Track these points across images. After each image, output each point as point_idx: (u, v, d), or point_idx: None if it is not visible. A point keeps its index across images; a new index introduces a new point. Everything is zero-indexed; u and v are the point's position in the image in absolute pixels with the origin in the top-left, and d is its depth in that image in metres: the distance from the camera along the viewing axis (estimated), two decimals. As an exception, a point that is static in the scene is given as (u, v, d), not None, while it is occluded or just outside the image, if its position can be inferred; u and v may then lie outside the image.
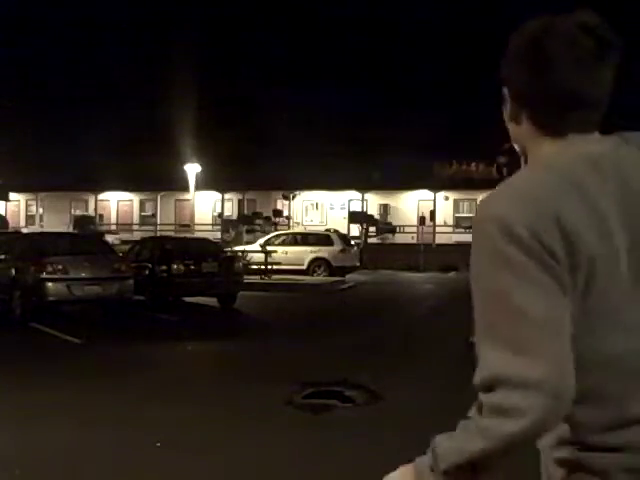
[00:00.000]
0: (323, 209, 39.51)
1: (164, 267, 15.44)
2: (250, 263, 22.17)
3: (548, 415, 1.21)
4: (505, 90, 1.43)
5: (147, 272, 15.64)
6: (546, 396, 1.20)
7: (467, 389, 1.34)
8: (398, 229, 36.17)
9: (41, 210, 43.92)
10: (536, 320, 1.22)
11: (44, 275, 12.94)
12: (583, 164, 1.32)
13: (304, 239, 26.22)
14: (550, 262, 1.23)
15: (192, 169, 32.79)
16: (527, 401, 1.20)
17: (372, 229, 34.21)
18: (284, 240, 25.98)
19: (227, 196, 39.97)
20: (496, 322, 1.26)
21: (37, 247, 13.87)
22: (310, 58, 47.54)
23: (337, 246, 25.19)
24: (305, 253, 25.02)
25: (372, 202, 37.98)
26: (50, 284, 12.93)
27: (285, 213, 37.39)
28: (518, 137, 1.46)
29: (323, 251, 24.96)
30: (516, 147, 1.50)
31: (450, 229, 36.21)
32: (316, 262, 24.84)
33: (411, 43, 47.45)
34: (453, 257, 30.41)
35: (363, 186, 36.89)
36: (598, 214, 1.27)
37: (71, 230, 30.90)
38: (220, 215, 39.30)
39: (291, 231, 30.04)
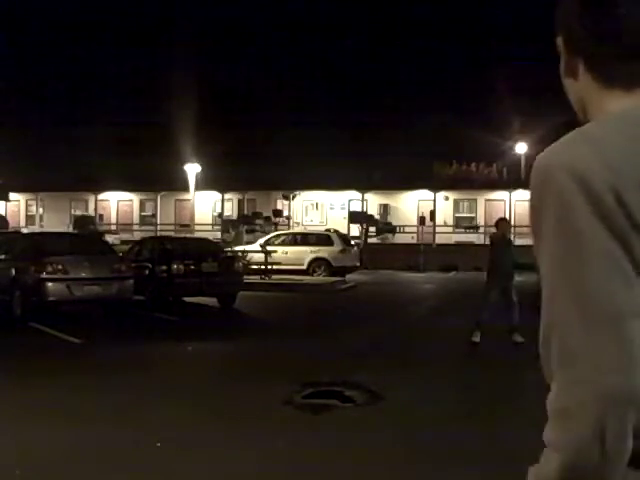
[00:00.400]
0: (323, 209, 39.50)
1: (164, 267, 15.44)
2: (250, 263, 22.17)
3: (605, 422, 0.98)
4: (559, 39, 1.22)
5: (147, 272, 15.64)
6: (605, 397, 0.98)
7: (467, 389, 1.34)
8: (398, 229, 36.16)
9: (41, 210, 43.90)
10: (604, 303, 1.00)
11: (44, 275, 12.94)
12: None
13: (304, 239, 26.21)
14: (630, 229, 1.00)
15: (192, 169, 32.79)
16: (578, 403, 1.00)
17: (372, 229, 34.21)
18: (284, 240, 25.98)
19: (227, 196, 39.95)
20: (557, 304, 1.04)
21: (37, 247, 13.87)
22: (310, 58, 47.55)
23: (337, 246, 25.19)
24: (305, 253, 25.02)
25: (372, 202, 37.97)
26: (50, 284, 12.93)
27: (285, 213, 37.39)
28: (576, 94, 1.22)
29: (323, 251, 24.96)
30: (574, 106, 1.25)
31: (450, 229, 36.21)
32: (316, 262, 24.84)
33: (411, 43, 47.45)
34: (453, 257, 30.47)
35: (363, 186, 36.87)
36: None
37: (71, 230, 30.88)
38: (220, 215, 39.29)
39: (291, 231, 30.04)
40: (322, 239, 25.78)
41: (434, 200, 35.92)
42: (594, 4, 1.13)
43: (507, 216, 35.14)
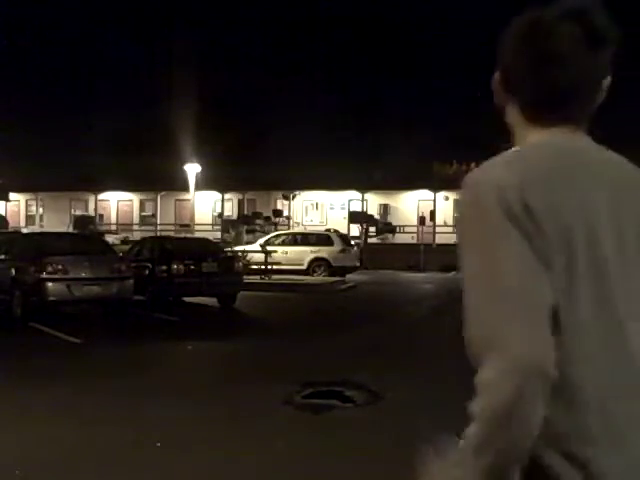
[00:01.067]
0: (323, 209, 39.50)
1: (164, 267, 15.44)
2: (250, 263, 22.17)
3: (523, 391, 1.16)
4: (497, 75, 1.45)
5: (147, 272, 15.64)
6: (522, 369, 1.16)
7: (467, 389, 1.34)
8: (398, 229, 36.17)
9: (41, 210, 43.94)
10: (517, 292, 1.20)
11: (44, 275, 12.94)
12: (572, 159, 1.34)
13: (304, 239, 26.21)
14: (537, 232, 1.23)
15: (192, 169, 32.79)
16: (502, 374, 1.16)
17: (372, 229, 34.22)
18: (284, 240, 25.98)
19: (227, 196, 39.97)
20: (476, 296, 1.24)
21: (37, 247, 13.86)
22: (310, 58, 47.54)
23: (337, 246, 25.19)
24: (305, 253, 25.02)
25: (372, 202, 37.98)
26: (50, 284, 12.93)
27: (285, 213, 37.40)
28: (509, 120, 1.46)
29: (323, 251, 24.96)
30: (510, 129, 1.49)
31: (450, 229, 36.15)
32: (316, 262, 24.84)
33: (411, 43, 47.45)
34: (453, 257, 29.99)
35: (363, 186, 36.89)
36: (585, 204, 1.29)
37: (71, 230, 30.89)
38: (220, 215, 39.31)
39: (291, 231, 30.04)
40: (322, 239, 25.78)
41: (434, 200, 35.94)
42: (529, 65, 1.37)
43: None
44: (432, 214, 35.24)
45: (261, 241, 25.87)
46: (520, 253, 1.22)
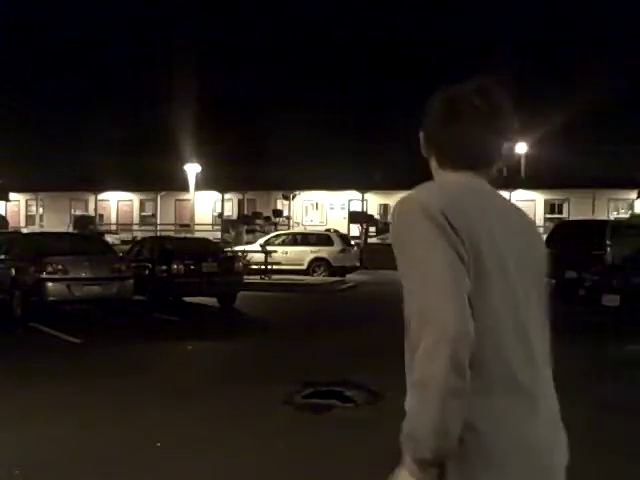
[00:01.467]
0: (323, 209, 39.50)
1: (164, 267, 15.43)
2: (250, 263, 22.16)
3: (457, 352, 1.49)
4: (421, 133, 1.87)
5: (147, 272, 15.63)
6: (454, 335, 1.49)
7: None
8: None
9: (41, 210, 43.94)
10: (445, 279, 1.54)
11: (44, 275, 12.93)
12: (472, 192, 1.74)
13: (304, 239, 26.19)
14: (455, 237, 1.58)
15: (192, 169, 32.78)
16: (439, 340, 1.49)
17: (372, 229, 34.19)
18: (284, 240, 25.96)
19: (227, 196, 39.97)
20: (414, 284, 1.59)
21: (37, 247, 13.85)
22: (310, 57, 47.54)
23: (337, 246, 25.17)
24: (305, 253, 25.00)
25: (372, 202, 37.97)
26: (50, 284, 12.93)
27: (285, 213, 37.39)
28: (432, 170, 1.89)
29: (323, 251, 24.94)
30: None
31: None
32: (316, 262, 24.82)
33: (411, 43, 47.44)
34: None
35: (363, 186, 36.87)
36: (484, 226, 1.65)
37: (71, 230, 30.89)
38: (220, 215, 39.30)
39: (291, 231, 30.02)
40: (322, 239, 25.76)
41: (434, 200, 35.87)
42: (442, 128, 1.81)
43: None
44: (432, 214, 35.20)
45: (261, 241, 25.85)
46: (446, 250, 1.57)
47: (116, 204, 42.92)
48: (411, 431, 1.53)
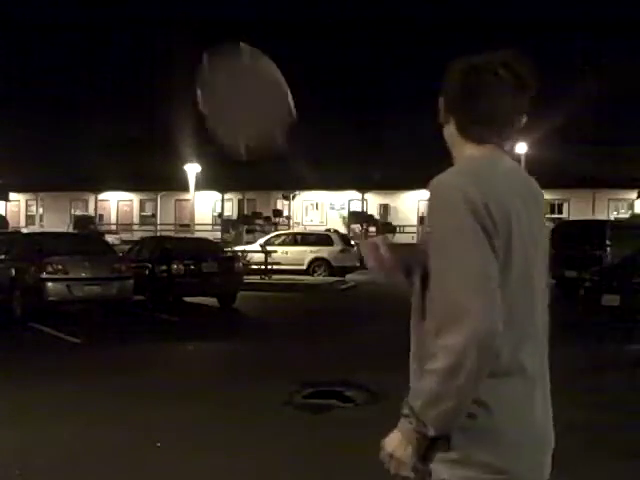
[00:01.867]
0: (323, 209, 39.48)
1: (164, 267, 15.43)
2: (250, 263, 22.15)
3: (485, 349, 1.57)
4: (441, 99, 1.87)
5: (147, 272, 15.63)
6: (484, 334, 1.56)
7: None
8: (398, 229, 36.14)
9: (41, 210, 43.94)
10: (480, 276, 1.58)
11: (44, 275, 12.92)
12: (503, 173, 1.76)
13: (304, 239, 26.17)
14: (493, 230, 1.62)
15: (192, 169, 32.77)
16: (470, 337, 1.56)
17: (372, 229, 34.19)
18: (284, 240, 25.95)
19: (227, 196, 39.97)
20: (447, 274, 1.62)
21: (37, 247, 13.85)
22: (310, 57, 47.54)
23: (337, 246, 25.15)
24: (305, 253, 24.98)
25: (372, 202, 37.97)
26: (50, 284, 12.92)
27: (285, 213, 37.38)
28: (447, 136, 1.89)
29: (323, 251, 24.92)
30: (448, 144, 1.91)
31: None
32: (316, 262, 24.80)
33: (411, 43, 47.44)
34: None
35: (363, 186, 36.86)
36: (514, 210, 1.68)
37: (71, 230, 30.88)
38: (220, 215, 39.29)
39: (291, 231, 30.01)
40: (322, 239, 25.74)
41: (434, 200, 35.86)
42: (469, 96, 1.78)
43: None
44: (432, 214, 35.21)
45: (261, 241, 25.84)
46: (482, 244, 1.60)
47: (116, 204, 42.92)
48: (422, 409, 1.65)
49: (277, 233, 28.36)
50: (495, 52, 1.80)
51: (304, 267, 24.44)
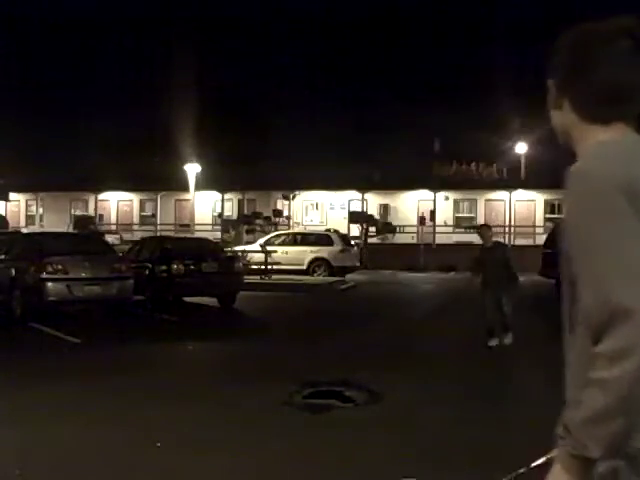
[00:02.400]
0: (323, 209, 39.47)
1: (164, 267, 15.43)
2: (250, 263, 22.17)
3: None
4: (550, 81, 1.65)
5: (147, 272, 15.63)
6: None
7: (467, 389, 1.35)
8: (398, 229, 36.12)
9: (41, 210, 43.88)
10: (637, 267, 1.38)
11: (44, 275, 12.93)
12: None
13: (304, 239, 26.19)
14: None
15: (192, 169, 32.76)
16: (633, 343, 1.33)
17: (372, 229, 34.18)
18: (284, 240, 25.97)
19: (227, 196, 39.91)
20: (603, 271, 1.39)
21: (37, 247, 13.85)
22: (310, 58, 47.54)
23: (337, 246, 25.17)
24: (305, 253, 25.00)
25: (372, 202, 37.94)
26: (50, 284, 12.92)
27: (285, 213, 37.36)
28: (561, 124, 1.65)
29: (323, 251, 24.94)
30: (557, 132, 1.67)
31: (450, 229, 36.18)
32: (316, 262, 24.83)
33: (411, 43, 47.45)
34: (453, 257, 30.43)
35: (363, 186, 36.84)
36: None
37: (71, 230, 30.86)
38: (220, 215, 39.26)
39: (291, 231, 30.02)
40: (322, 239, 25.75)
41: (434, 200, 35.90)
42: (584, 68, 1.56)
43: (507, 216, 35.24)
44: (432, 214, 35.21)
45: (261, 241, 25.85)
46: (638, 231, 1.41)
47: (116, 204, 42.86)
48: (583, 426, 1.38)
49: (277, 233, 28.38)
50: (609, 20, 1.58)
51: (304, 267, 24.46)
